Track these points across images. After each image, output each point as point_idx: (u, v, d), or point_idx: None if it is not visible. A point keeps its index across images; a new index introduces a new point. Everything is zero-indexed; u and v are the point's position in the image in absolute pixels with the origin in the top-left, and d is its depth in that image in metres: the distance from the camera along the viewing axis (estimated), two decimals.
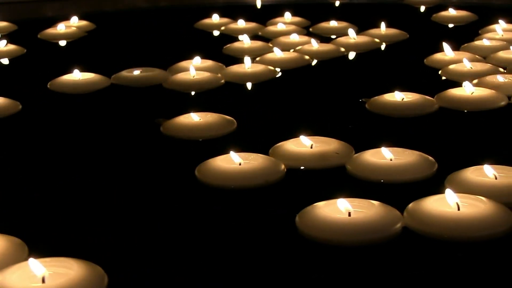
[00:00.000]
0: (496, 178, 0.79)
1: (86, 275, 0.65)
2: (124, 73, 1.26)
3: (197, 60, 1.28)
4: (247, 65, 1.25)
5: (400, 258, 0.71)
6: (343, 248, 0.71)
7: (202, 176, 0.87)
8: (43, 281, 0.64)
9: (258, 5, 1.81)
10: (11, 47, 1.43)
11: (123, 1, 1.90)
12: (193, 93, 1.19)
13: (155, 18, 1.79)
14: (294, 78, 1.27)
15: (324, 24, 1.55)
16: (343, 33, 1.46)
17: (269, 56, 1.31)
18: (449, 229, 0.71)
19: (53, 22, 1.59)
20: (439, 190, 0.78)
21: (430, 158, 0.87)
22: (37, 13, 1.69)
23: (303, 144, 0.91)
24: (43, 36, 1.55)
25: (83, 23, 1.61)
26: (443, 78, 1.19)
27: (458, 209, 0.73)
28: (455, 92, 1.09)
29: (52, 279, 0.64)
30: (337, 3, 1.81)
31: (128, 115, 1.12)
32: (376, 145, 0.89)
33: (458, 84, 1.11)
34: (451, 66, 1.22)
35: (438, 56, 1.29)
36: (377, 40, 1.43)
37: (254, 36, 1.50)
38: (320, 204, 0.75)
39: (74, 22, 1.59)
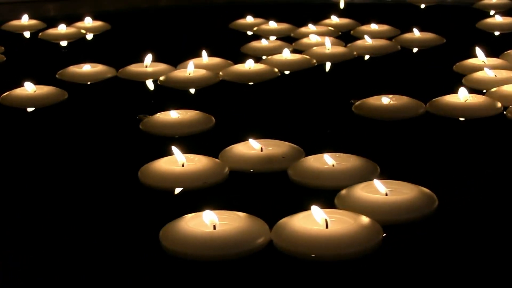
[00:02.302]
0: (386, 195, 0.74)
1: None
2: (131, 67, 1.27)
3: (205, 57, 1.27)
4: (248, 65, 1.22)
5: (264, 274, 0.67)
6: (206, 263, 0.68)
7: (142, 177, 0.85)
8: None
9: (341, 5, 1.77)
10: None
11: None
12: (193, 90, 1.18)
13: (177, 17, 1.79)
14: (295, 80, 1.24)
15: (364, 28, 1.49)
16: (384, 36, 1.42)
17: (276, 57, 1.29)
18: (315, 248, 0.67)
19: (68, 22, 1.60)
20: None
21: (373, 163, 0.84)
22: (38, 12, 1.68)
23: (253, 147, 0.87)
24: (44, 36, 1.54)
25: (98, 23, 1.59)
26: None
27: (327, 227, 0.68)
28: (448, 99, 1.04)
29: None
30: (422, 6, 1.74)
31: (116, 109, 1.12)
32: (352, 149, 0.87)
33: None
34: (475, 74, 1.15)
35: (467, 62, 1.22)
36: (394, 43, 1.38)
37: (286, 38, 1.47)
38: (187, 217, 0.72)
39: (89, 22, 1.58)
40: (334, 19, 1.55)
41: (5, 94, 1.14)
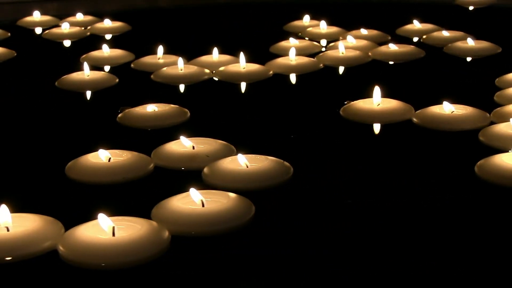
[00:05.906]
0: (203, 205, 0.71)
1: None
2: (144, 58, 1.28)
3: (215, 54, 1.25)
4: (242, 64, 1.20)
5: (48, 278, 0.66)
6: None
7: (68, 171, 0.85)
8: None
9: (471, 7, 1.72)
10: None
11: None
12: (182, 87, 1.17)
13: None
14: (298, 82, 1.20)
15: (435, 34, 1.42)
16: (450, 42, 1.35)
17: (280, 60, 1.25)
18: (102, 257, 0.65)
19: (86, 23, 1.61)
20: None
21: (288, 166, 0.81)
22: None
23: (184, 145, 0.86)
24: (47, 35, 1.54)
25: (118, 23, 1.58)
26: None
27: (114, 235, 0.66)
28: (433, 110, 0.98)
29: None
30: None
31: (106, 103, 1.12)
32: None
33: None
34: (508, 90, 1.07)
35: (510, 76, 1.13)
36: (420, 50, 1.31)
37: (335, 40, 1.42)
38: None
39: (108, 23, 1.57)
40: (417, 25, 1.48)
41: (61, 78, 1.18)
